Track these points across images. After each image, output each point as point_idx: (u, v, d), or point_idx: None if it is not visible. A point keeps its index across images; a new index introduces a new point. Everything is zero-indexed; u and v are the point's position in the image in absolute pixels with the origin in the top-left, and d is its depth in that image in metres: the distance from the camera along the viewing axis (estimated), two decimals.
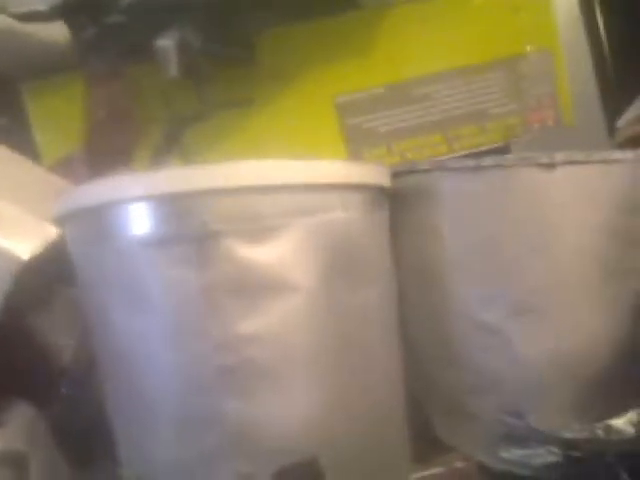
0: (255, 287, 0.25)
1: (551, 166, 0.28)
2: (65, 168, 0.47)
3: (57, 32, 0.49)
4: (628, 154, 0.28)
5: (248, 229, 0.24)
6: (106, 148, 0.48)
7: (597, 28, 0.56)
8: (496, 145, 0.54)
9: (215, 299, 0.24)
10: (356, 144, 0.53)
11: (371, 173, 0.28)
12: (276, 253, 0.25)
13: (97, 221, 0.26)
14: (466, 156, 0.52)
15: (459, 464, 0.32)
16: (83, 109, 0.49)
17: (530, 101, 0.54)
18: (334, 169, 0.26)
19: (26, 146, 0.47)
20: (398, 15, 0.53)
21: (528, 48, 0.54)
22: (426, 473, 0.32)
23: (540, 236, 0.28)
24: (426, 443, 0.32)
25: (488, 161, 0.28)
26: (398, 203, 0.31)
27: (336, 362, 0.26)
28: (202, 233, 0.24)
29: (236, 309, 0.24)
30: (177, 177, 0.24)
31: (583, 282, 0.29)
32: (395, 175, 0.30)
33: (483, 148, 0.55)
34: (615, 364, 0.29)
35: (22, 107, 0.49)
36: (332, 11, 0.52)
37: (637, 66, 0.56)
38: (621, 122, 0.42)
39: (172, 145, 0.51)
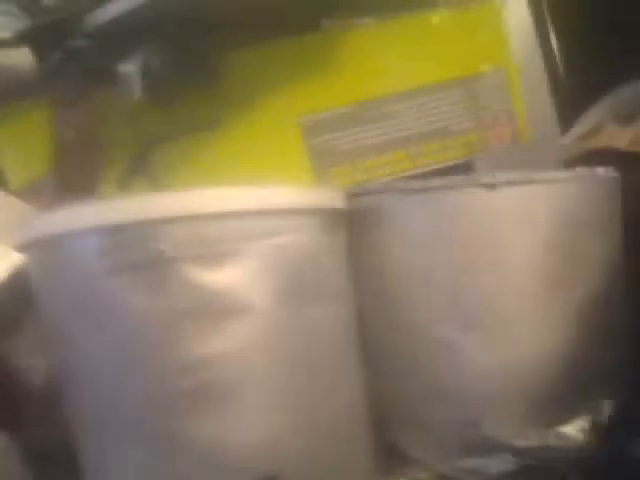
0: (212, 311, 0.25)
1: (493, 186, 0.29)
2: (32, 192, 0.48)
3: (21, 58, 0.49)
4: (565, 174, 0.30)
5: (203, 254, 0.25)
6: (73, 171, 0.49)
7: (550, 45, 0.58)
8: (458, 162, 0.56)
9: (173, 323, 0.25)
10: (321, 163, 0.55)
11: (326, 197, 0.29)
12: (231, 277, 0.26)
13: (55, 249, 0.26)
14: (426, 173, 0.54)
15: (422, 475, 0.33)
16: (49, 133, 0.50)
17: (487, 118, 0.56)
18: (289, 194, 0.27)
19: None
20: (359, 36, 0.54)
21: (484, 67, 0.56)
22: None
23: (485, 253, 0.30)
24: (389, 454, 0.33)
25: (434, 183, 0.29)
26: (354, 224, 0.32)
27: (294, 381, 0.27)
28: (158, 260, 0.25)
29: (194, 332, 0.25)
30: (131, 206, 0.25)
31: (527, 296, 0.30)
32: (351, 196, 0.31)
33: (446, 164, 0.56)
34: (562, 372, 0.30)
35: None
36: (294, 33, 0.53)
37: (591, 81, 0.58)
38: (565, 140, 0.44)
39: (139, 167, 0.52)
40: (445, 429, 0.31)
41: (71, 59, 0.48)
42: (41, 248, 0.27)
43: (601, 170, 0.31)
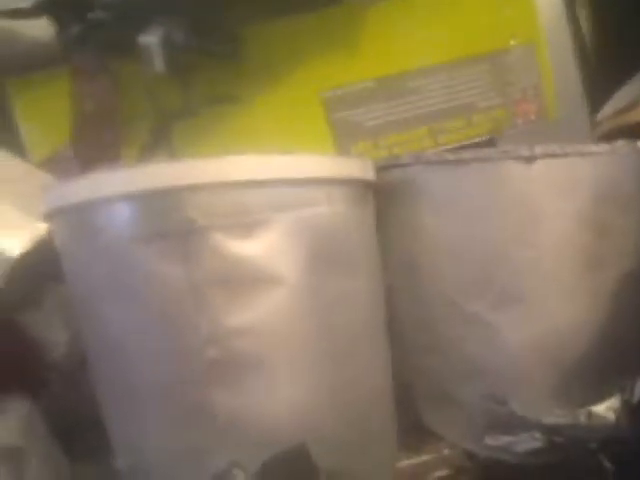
0: (241, 280, 0.25)
1: (530, 159, 0.28)
2: (53, 165, 0.47)
3: (42, 28, 0.49)
4: (604, 147, 0.29)
5: (234, 224, 0.25)
6: (93, 144, 0.48)
7: (579, 20, 0.57)
8: (482, 139, 0.55)
9: (202, 293, 0.25)
10: (343, 138, 0.54)
11: (356, 167, 0.28)
12: (261, 247, 0.25)
13: (83, 217, 0.26)
14: (451, 149, 0.53)
15: (446, 451, 0.33)
16: (69, 105, 0.49)
17: (514, 94, 0.55)
18: (319, 164, 0.27)
19: (13, 143, 0.47)
20: (383, 10, 0.53)
21: (512, 41, 0.55)
22: (414, 461, 0.32)
23: (521, 227, 0.29)
24: (414, 431, 0.33)
25: (468, 154, 0.29)
26: (383, 196, 0.31)
27: (322, 352, 0.26)
28: (188, 228, 0.24)
29: (223, 302, 0.25)
30: (162, 173, 0.24)
31: (563, 271, 0.29)
32: (379, 169, 0.31)
33: (469, 141, 0.55)
34: (595, 351, 0.30)
35: (8, 104, 0.49)
36: (317, 6, 0.52)
37: (620, 58, 0.56)
38: (600, 116, 0.43)
39: (159, 142, 0.51)
40: (473, 406, 0.31)
41: (90, 31, 0.47)
42: (67, 217, 0.27)
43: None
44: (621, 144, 0.29)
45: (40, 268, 0.32)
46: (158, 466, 0.26)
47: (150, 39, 0.45)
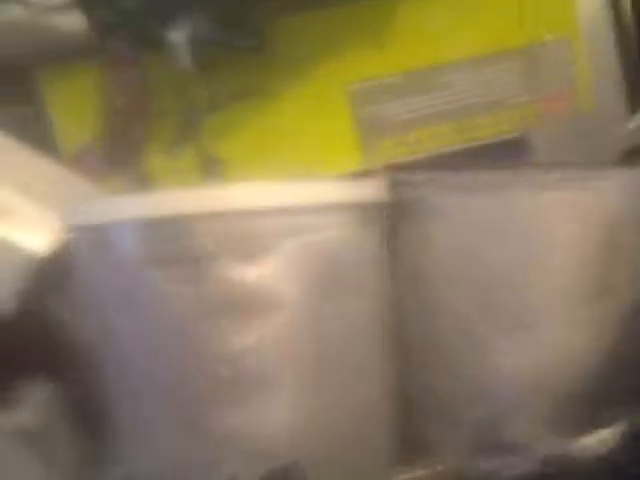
0: (248, 304, 0.26)
1: (545, 187, 0.28)
2: (82, 159, 0.49)
3: (73, 20, 0.49)
4: (619, 174, 0.28)
5: (241, 249, 0.26)
6: (121, 139, 0.50)
7: (623, 15, 0.54)
8: (511, 136, 0.53)
9: (210, 315, 0.26)
10: (369, 133, 0.53)
11: (368, 191, 0.28)
12: (268, 272, 0.26)
13: (101, 236, 0.27)
14: (477, 149, 0.51)
15: (440, 468, 0.33)
16: (100, 98, 0.50)
17: (547, 91, 0.53)
18: (330, 190, 0.27)
19: (45, 136, 0.49)
20: (413, 2, 0.52)
21: (546, 36, 0.53)
22: (408, 476, 0.33)
23: (532, 253, 0.29)
24: (410, 444, 0.33)
25: (484, 179, 0.28)
26: (395, 212, 0.31)
27: (323, 373, 0.27)
28: (199, 254, 0.25)
29: (230, 324, 0.26)
30: (175, 200, 0.25)
31: (571, 299, 0.29)
32: (392, 185, 0.31)
33: (498, 138, 0.54)
34: (593, 381, 0.30)
35: (39, 96, 0.50)
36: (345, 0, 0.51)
37: None
38: (631, 125, 0.41)
39: (187, 137, 0.52)
40: (469, 427, 0.32)
41: (120, 20, 0.48)
42: (87, 232, 0.28)
43: None
44: (633, 172, 0.29)
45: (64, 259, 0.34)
46: (154, 476, 0.28)
47: (178, 36, 0.45)
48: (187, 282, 0.26)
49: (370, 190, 0.29)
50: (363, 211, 0.28)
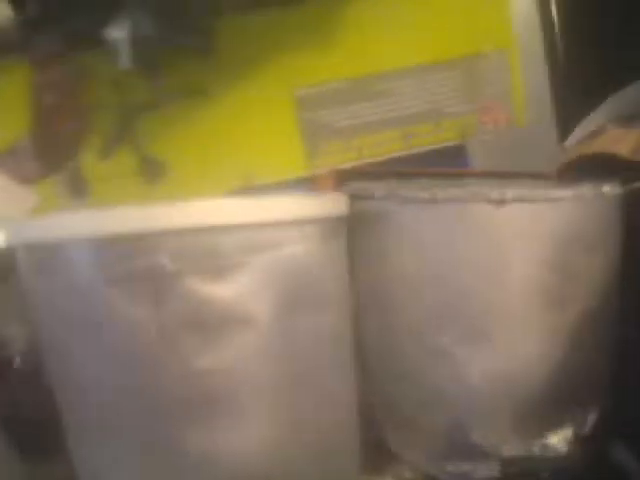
0: (212, 323, 0.25)
1: (501, 202, 0.28)
2: (10, 156, 0.45)
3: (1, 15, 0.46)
4: (570, 191, 0.29)
5: (204, 267, 0.24)
6: (53, 137, 0.46)
7: (553, 29, 0.57)
8: (452, 144, 0.55)
9: (172, 335, 0.24)
10: (313, 138, 0.53)
11: (328, 205, 0.28)
12: (232, 289, 0.25)
13: (50, 255, 0.25)
14: (420, 155, 0.52)
15: (408, 474, 0.34)
16: (28, 96, 0.47)
17: (485, 100, 0.55)
18: (289, 205, 0.26)
19: None
20: (359, 10, 0.52)
21: (485, 48, 0.54)
22: None
23: (488, 267, 0.30)
24: (378, 452, 0.34)
25: (441, 194, 0.29)
26: (355, 226, 0.31)
27: (290, 391, 0.27)
28: (157, 273, 0.24)
29: (194, 344, 0.25)
30: (132, 216, 0.24)
31: (526, 311, 0.30)
32: (351, 199, 0.31)
33: (439, 146, 0.55)
34: (552, 385, 0.31)
35: None
36: (292, 2, 0.50)
37: (592, 66, 0.57)
38: (569, 141, 0.44)
39: (124, 134, 0.49)
40: (434, 434, 0.32)
41: (51, 16, 0.45)
42: (33, 252, 0.26)
43: (606, 187, 0.31)
44: (587, 189, 0.30)
45: None
46: None
47: (118, 34, 0.43)
48: (148, 302, 0.24)
49: (333, 204, 0.28)
50: (327, 225, 0.28)
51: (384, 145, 0.53)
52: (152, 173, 0.51)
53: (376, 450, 0.33)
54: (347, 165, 0.52)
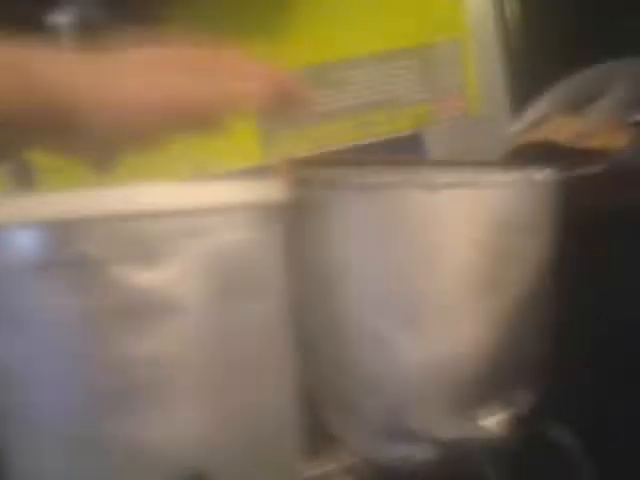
0: (142, 311, 0.24)
1: (433, 188, 0.29)
2: None
3: None
4: (504, 177, 0.30)
5: (132, 254, 0.24)
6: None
7: (507, 19, 0.57)
8: (406, 133, 0.55)
9: (100, 324, 0.24)
10: (266, 126, 0.53)
11: (261, 192, 0.28)
12: (161, 277, 0.25)
13: None
14: (374, 145, 0.53)
15: (349, 459, 0.34)
16: None
17: (439, 90, 0.55)
18: (221, 191, 0.26)
19: None
20: None
21: (439, 37, 0.55)
22: (317, 471, 0.34)
23: (424, 252, 0.30)
24: (320, 438, 0.34)
25: (373, 180, 0.29)
26: (295, 213, 0.31)
27: (225, 379, 0.27)
28: (84, 259, 0.23)
29: (122, 333, 0.24)
30: (57, 203, 0.23)
31: (463, 295, 0.30)
32: (288, 188, 0.31)
33: (393, 136, 0.55)
34: (489, 369, 0.32)
35: None
36: None
37: (546, 56, 0.58)
38: (513, 129, 0.44)
39: None
40: (373, 418, 0.32)
41: None
42: None
43: (539, 173, 0.31)
44: (520, 174, 0.30)
45: None
46: None
47: (61, 19, 0.42)
48: (75, 290, 0.24)
49: (272, 190, 0.28)
50: (261, 212, 0.28)
51: (339, 134, 0.53)
52: (102, 163, 0.50)
53: (317, 434, 0.33)
54: (302, 154, 0.52)
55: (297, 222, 0.31)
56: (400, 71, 0.55)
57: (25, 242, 0.24)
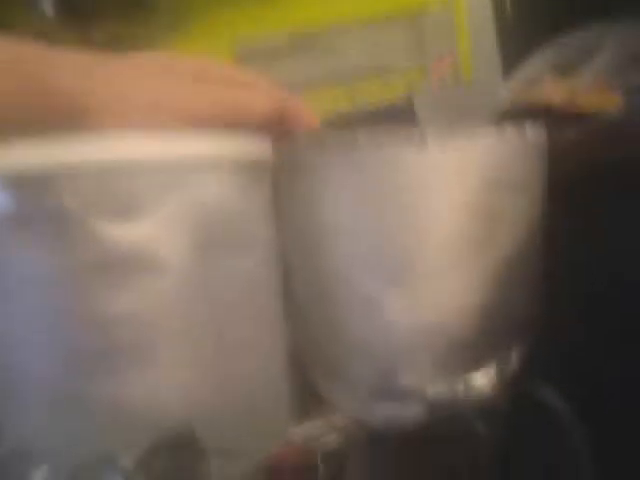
0: (122, 267, 0.24)
1: (422, 144, 0.28)
2: None
3: None
4: (493, 132, 0.29)
5: (112, 208, 0.24)
6: None
7: None
8: (398, 101, 0.54)
9: (78, 281, 0.24)
10: None
11: (247, 148, 0.27)
12: (143, 231, 0.24)
13: None
14: (366, 113, 0.52)
15: (337, 419, 0.34)
16: None
17: (431, 57, 0.54)
18: (204, 144, 0.25)
19: None
20: None
21: (430, 2, 0.54)
22: (305, 427, 0.34)
23: (411, 211, 0.30)
24: (307, 398, 0.34)
25: (362, 139, 0.28)
26: (281, 172, 0.31)
27: (209, 337, 0.26)
28: (61, 213, 0.23)
29: (102, 290, 0.24)
30: (31, 153, 0.23)
31: (449, 256, 0.30)
32: (276, 147, 0.30)
33: (385, 103, 0.55)
34: (478, 327, 0.31)
35: None
36: None
37: (538, 23, 0.57)
38: (505, 89, 0.43)
39: None
40: (362, 378, 0.32)
41: None
42: None
43: (528, 128, 0.31)
44: (509, 129, 0.30)
45: None
46: (39, 452, 0.25)
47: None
48: (51, 245, 0.23)
49: (254, 146, 0.28)
50: (246, 168, 0.27)
51: (329, 102, 0.53)
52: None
53: (306, 396, 0.33)
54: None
55: (285, 182, 0.31)
56: (391, 37, 0.54)
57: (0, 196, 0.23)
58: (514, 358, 0.33)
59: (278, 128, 0.29)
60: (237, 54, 0.51)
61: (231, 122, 0.27)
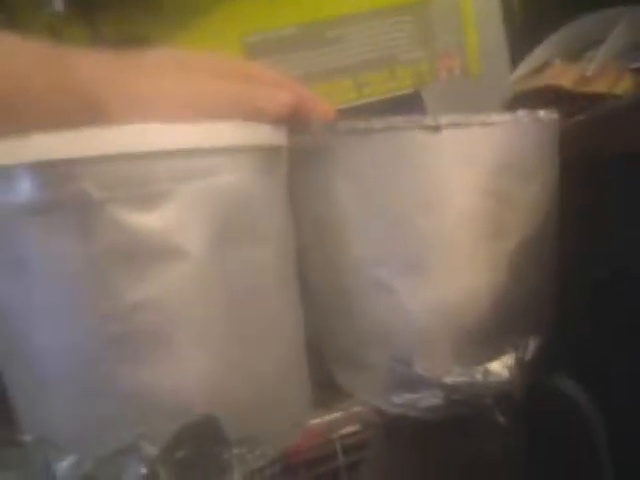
0: (143, 254, 0.24)
1: (436, 129, 0.28)
2: None
3: None
4: (506, 116, 0.29)
5: (133, 196, 0.24)
6: None
7: None
8: (406, 92, 0.54)
9: (100, 268, 0.24)
10: None
11: (264, 134, 0.27)
12: (163, 219, 0.24)
13: None
14: (373, 104, 0.52)
15: (356, 408, 0.34)
16: None
17: (438, 48, 0.54)
18: (223, 132, 0.25)
19: None
20: None
21: None
22: (326, 418, 0.34)
23: (424, 196, 0.30)
24: (325, 388, 0.34)
25: (377, 124, 0.28)
26: (296, 160, 0.31)
27: (229, 324, 0.26)
28: (84, 201, 0.23)
29: (124, 277, 0.24)
30: (55, 142, 0.23)
31: (464, 239, 0.30)
32: (291, 133, 0.30)
33: (393, 95, 0.55)
34: (493, 313, 0.31)
35: None
36: None
37: (545, 13, 0.57)
38: (513, 77, 0.43)
39: None
40: (379, 366, 0.32)
41: None
42: None
43: (542, 113, 0.31)
44: (523, 114, 0.30)
45: None
46: (66, 439, 0.26)
47: None
48: (73, 233, 0.23)
49: (270, 134, 0.28)
50: (262, 155, 0.27)
51: (337, 94, 0.52)
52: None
53: (323, 386, 0.33)
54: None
55: (299, 169, 0.31)
56: (398, 27, 0.54)
57: (22, 184, 0.23)
58: (532, 347, 0.33)
59: (296, 121, 0.29)
60: (246, 47, 0.51)
61: (250, 118, 0.27)
